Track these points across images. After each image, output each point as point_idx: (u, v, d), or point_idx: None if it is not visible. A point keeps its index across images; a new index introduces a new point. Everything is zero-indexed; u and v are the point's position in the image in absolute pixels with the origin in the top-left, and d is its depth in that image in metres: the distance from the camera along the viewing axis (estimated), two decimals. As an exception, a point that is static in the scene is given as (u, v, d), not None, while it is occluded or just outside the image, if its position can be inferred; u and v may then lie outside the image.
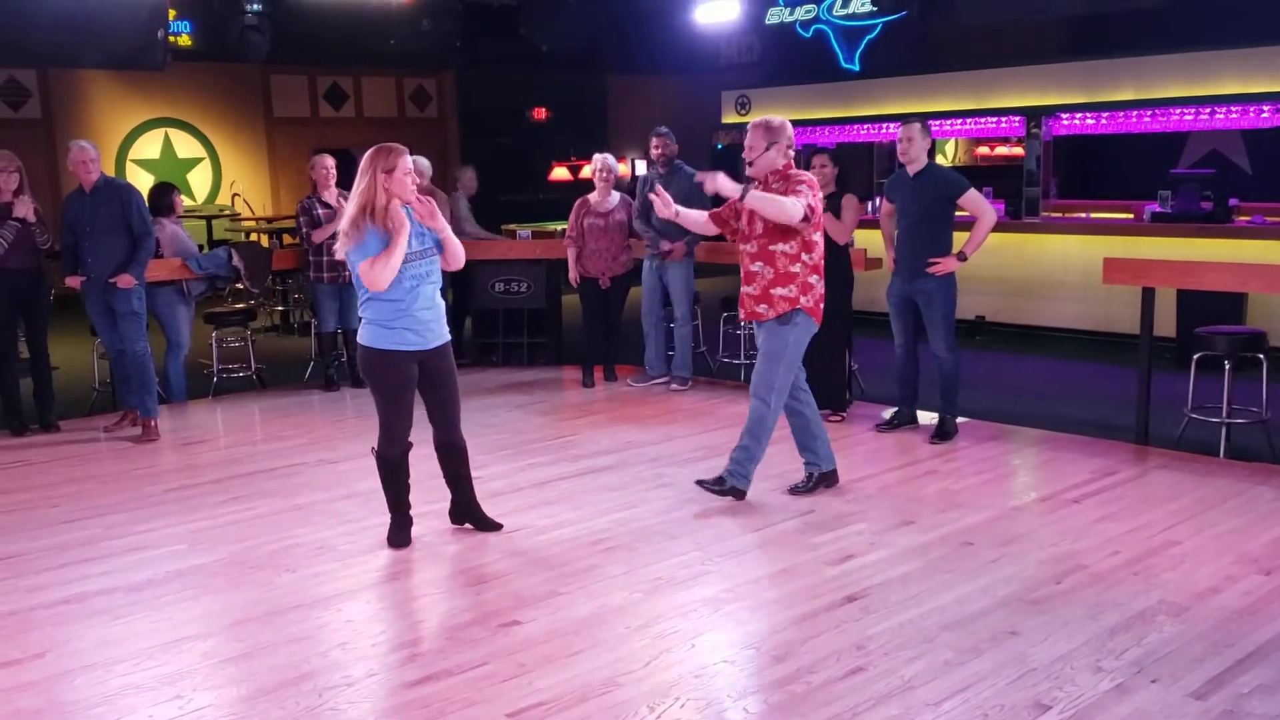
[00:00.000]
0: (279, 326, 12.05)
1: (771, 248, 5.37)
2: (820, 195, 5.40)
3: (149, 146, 15.61)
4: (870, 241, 7.80)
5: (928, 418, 6.97)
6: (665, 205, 5.41)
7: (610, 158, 8.48)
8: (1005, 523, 5.23)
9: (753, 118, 12.57)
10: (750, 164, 5.42)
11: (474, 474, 5.23)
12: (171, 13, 11.06)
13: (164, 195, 8.33)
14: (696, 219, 5.71)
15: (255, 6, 11.78)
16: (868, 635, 4.02)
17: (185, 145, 15.94)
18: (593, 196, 8.42)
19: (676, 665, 3.84)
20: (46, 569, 4.91)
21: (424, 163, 8.93)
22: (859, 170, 12.87)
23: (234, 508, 5.75)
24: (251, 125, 16.50)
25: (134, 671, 3.88)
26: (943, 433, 6.69)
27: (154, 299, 7.73)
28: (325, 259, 8.16)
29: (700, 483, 5.69)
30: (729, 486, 5.59)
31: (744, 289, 5.53)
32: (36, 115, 14.59)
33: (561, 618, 4.24)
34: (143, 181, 13.98)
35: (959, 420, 6.84)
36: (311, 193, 8.43)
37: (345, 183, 6.08)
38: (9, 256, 7.04)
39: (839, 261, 7.05)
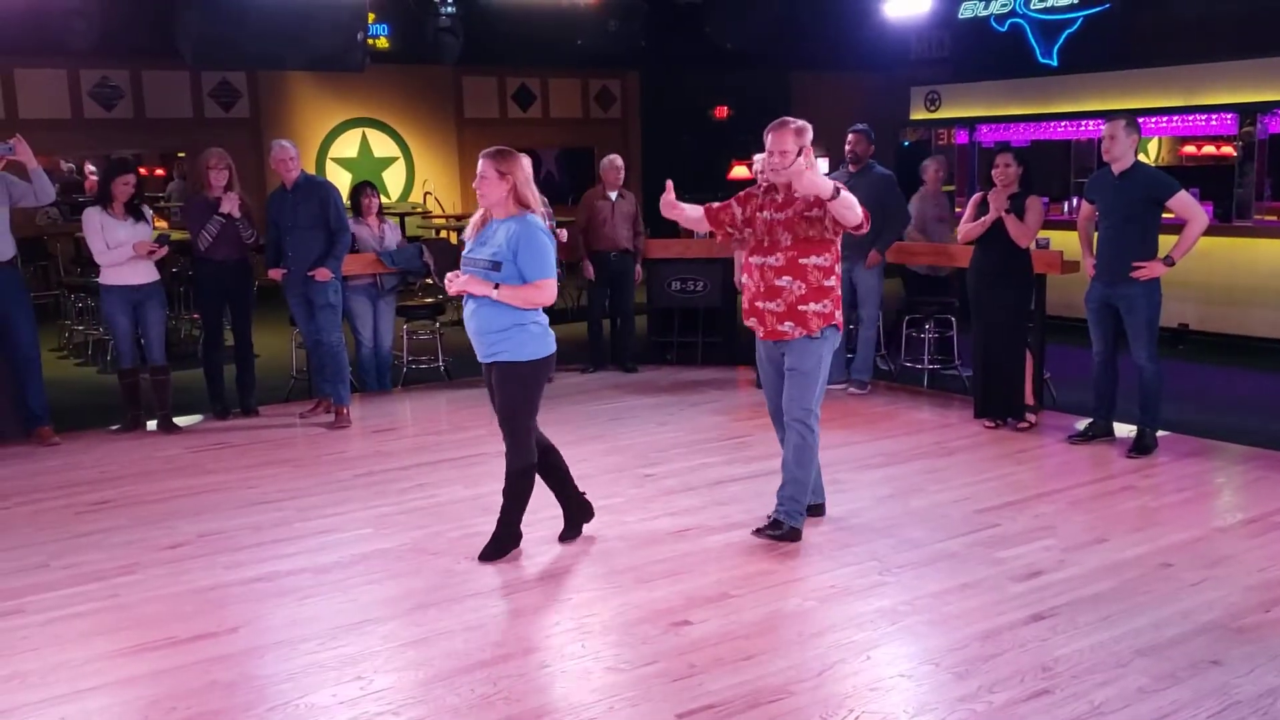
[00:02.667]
0: (464, 321, 12.37)
1: (803, 261, 4.90)
2: None
3: (348, 145, 16.29)
4: (1066, 243, 7.44)
5: (1124, 430, 6.60)
6: (667, 206, 5.09)
7: None
8: (1208, 544, 4.91)
9: (942, 114, 12.12)
10: (785, 169, 4.83)
11: (647, 471, 5.26)
12: (370, 15, 11.48)
13: (356, 195, 8.64)
14: (691, 215, 5.24)
15: (449, 8, 12.10)
16: (1055, 656, 3.83)
17: (381, 145, 16.56)
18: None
19: (851, 676, 3.74)
20: (243, 547, 5.16)
21: (618, 162, 8.96)
22: (1055, 170, 12.37)
23: (418, 495, 5.92)
24: (443, 126, 17.01)
25: (319, 651, 4.03)
26: (1141, 446, 6.33)
27: (344, 294, 8.03)
28: None
29: (759, 533, 5.12)
30: (788, 529, 5.03)
31: (762, 303, 5.00)
32: (246, 115, 15.40)
33: (733, 620, 4.20)
34: (342, 179, 14.62)
35: (1159, 434, 6.46)
36: None
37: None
38: (216, 248, 7.44)
39: (1019, 263, 6.77)
